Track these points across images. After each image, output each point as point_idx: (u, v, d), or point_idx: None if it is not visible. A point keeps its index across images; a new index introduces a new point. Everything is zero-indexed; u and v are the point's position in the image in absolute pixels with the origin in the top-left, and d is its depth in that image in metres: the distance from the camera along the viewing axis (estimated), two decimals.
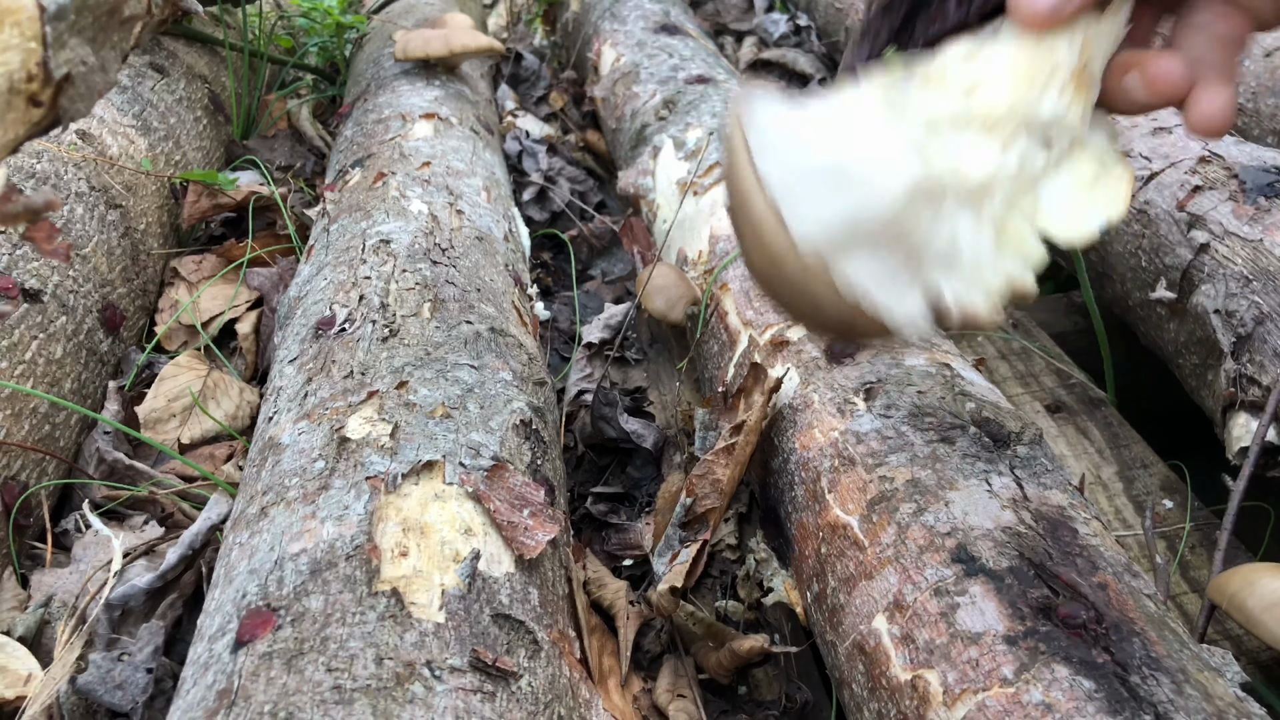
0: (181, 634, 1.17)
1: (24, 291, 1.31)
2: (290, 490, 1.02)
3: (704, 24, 2.88)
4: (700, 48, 2.29)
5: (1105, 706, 0.78)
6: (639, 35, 2.36)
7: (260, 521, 1.00)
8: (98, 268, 1.50)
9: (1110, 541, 0.99)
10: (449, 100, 2.00)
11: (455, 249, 1.46)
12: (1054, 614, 0.86)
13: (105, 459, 1.35)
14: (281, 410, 1.17)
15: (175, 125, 1.95)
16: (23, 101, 0.62)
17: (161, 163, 1.84)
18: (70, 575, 1.17)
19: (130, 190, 1.68)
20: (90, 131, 1.66)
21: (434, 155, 1.73)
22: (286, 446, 1.09)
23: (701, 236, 1.61)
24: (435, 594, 0.89)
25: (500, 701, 0.83)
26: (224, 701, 0.81)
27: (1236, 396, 1.25)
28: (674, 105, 1.96)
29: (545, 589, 0.99)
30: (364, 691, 0.79)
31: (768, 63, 2.75)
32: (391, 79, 2.09)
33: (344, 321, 1.26)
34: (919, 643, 0.89)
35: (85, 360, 1.41)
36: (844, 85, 0.68)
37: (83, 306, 1.43)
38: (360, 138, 1.87)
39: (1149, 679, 0.81)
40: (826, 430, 1.11)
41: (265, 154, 2.17)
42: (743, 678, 1.17)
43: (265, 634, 0.86)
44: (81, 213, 1.50)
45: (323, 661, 0.82)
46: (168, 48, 2.12)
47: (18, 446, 1.21)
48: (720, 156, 1.72)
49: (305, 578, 0.90)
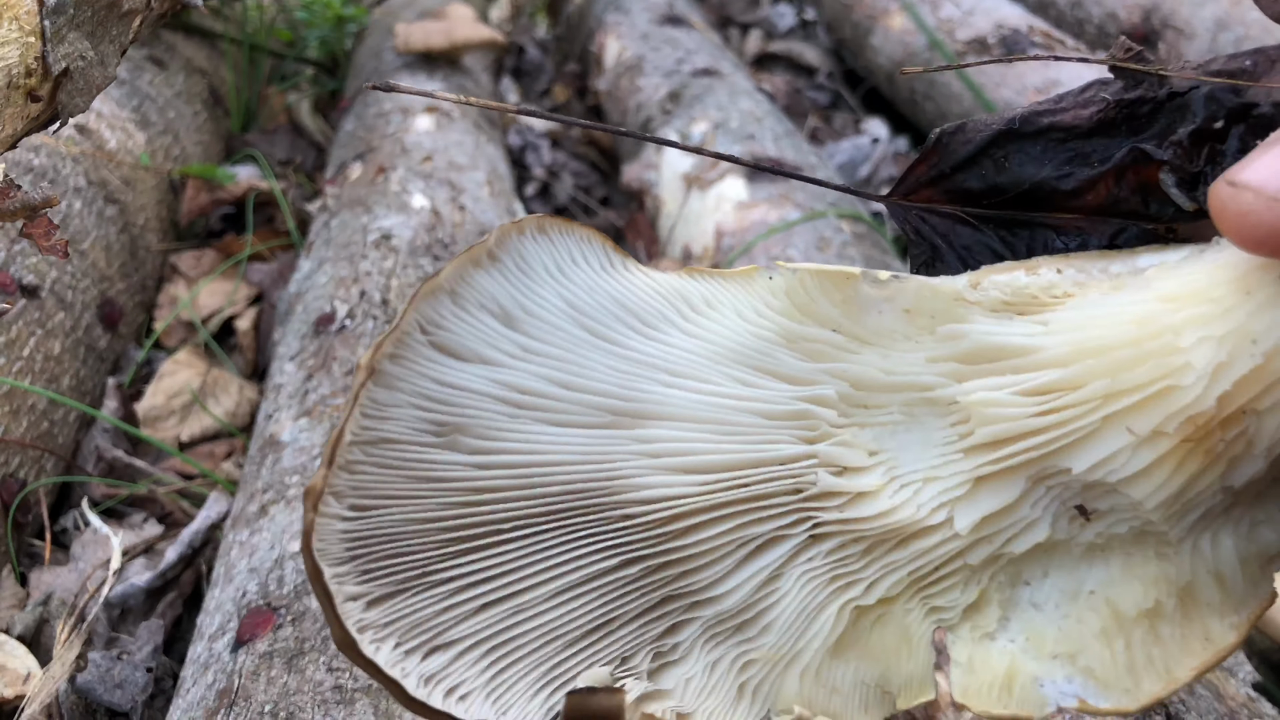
0: (181, 633, 1.17)
1: (22, 287, 1.30)
2: (291, 488, 1.01)
3: (709, 15, 2.86)
4: (705, 40, 2.28)
5: None
6: (643, 27, 2.34)
7: (260, 520, 0.99)
8: (96, 263, 1.49)
9: None
10: (451, 94, 1.99)
11: (458, 244, 1.45)
12: None
13: (104, 456, 1.34)
14: (281, 407, 1.16)
15: (174, 119, 1.94)
16: (21, 96, 0.61)
17: (160, 157, 1.83)
18: (69, 573, 1.16)
19: (129, 185, 1.67)
20: (88, 126, 1.65)
21: (436, 149, 1.72)
22: (287, 444, 1.08)
23: (707, 231, 1.60)
24: None
25: None
26: (224, 701, 0.80)
27: None
28: (679, 98, 1.95)
29: None
30: (365, 691, 0.78)
31: (774, 55, 2.74)
32: (392, 72, 2.07)
33: (345, 317, 1.25)
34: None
35: (84, 357, 1.40)
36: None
37: (81, 302, 1.42)
38: (361, 131, 1.86)
39: None
40: None
41: (265, 148, 2.16)
42: None
43: (266, 633, 0.85)
44: (80, 208, 1.49)
45: (324, 661, 0.81)
46: (167, 41, 2.11)
47: (16, 444, 1.20)
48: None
49: (305, 576, 0.89)
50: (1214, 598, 0.44)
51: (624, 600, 0.46)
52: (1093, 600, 0.45)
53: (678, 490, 0.45)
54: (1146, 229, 0.46)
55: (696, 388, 0.45)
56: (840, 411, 0.46)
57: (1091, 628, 0.45)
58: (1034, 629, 0.46)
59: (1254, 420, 0.39)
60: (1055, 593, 0.46)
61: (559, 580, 0.45)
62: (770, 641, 0.47)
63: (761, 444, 0.45)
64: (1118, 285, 0.43)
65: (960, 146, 0.48)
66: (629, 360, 0.45)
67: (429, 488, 0.44)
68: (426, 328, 0.44)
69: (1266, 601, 0.43)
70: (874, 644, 0.47)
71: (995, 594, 0.46)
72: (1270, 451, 0.40)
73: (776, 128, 1.79)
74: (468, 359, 0.44)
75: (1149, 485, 0.41)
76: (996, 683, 0.45)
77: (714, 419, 0.45)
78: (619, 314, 0.46)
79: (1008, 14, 2.16)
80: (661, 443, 0.45)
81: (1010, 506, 0.44)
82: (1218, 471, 0.40)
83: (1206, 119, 0.43)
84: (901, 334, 0.45)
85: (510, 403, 0.45)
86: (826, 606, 0.47)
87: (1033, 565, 0.46)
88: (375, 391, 0.42)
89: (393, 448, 0.43)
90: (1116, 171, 0.46)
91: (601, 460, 0.45)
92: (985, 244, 0.49)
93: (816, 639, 0.47)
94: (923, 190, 0.50)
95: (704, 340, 0.46)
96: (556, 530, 0.45)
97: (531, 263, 0.45)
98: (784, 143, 1.74)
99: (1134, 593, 0.44)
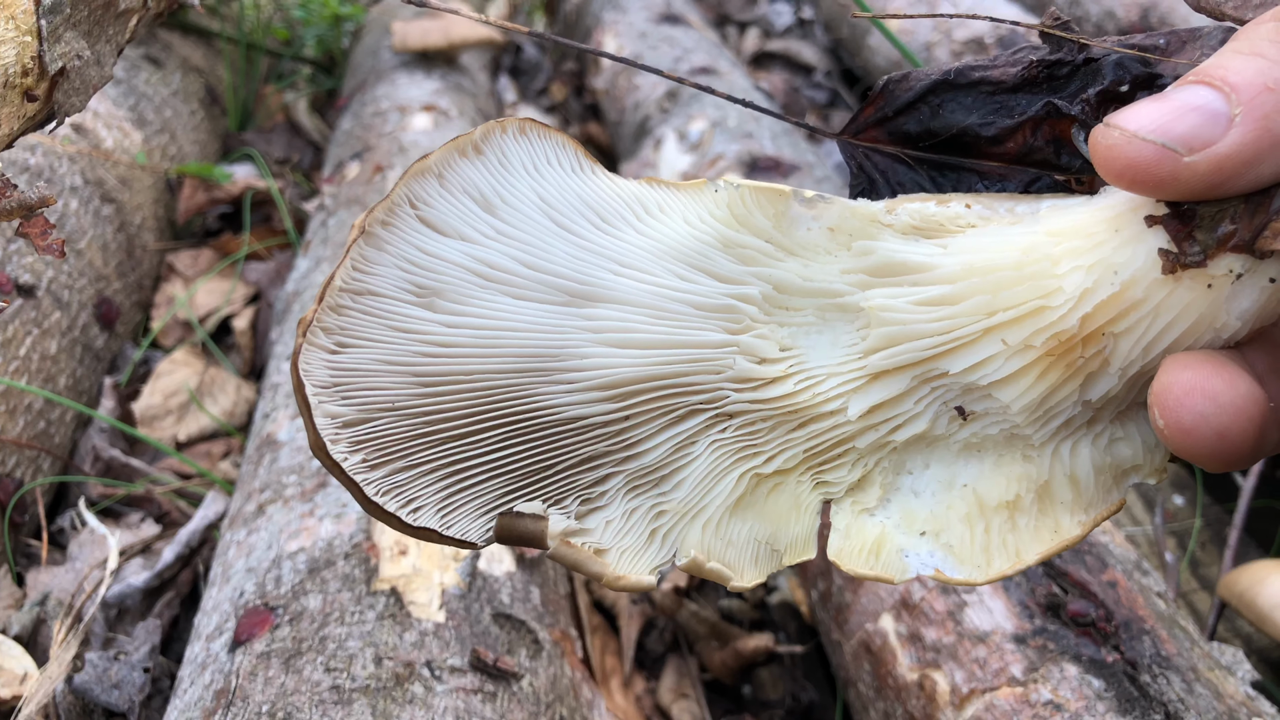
0: (178, 633, 1.16)
1: (18, 287, 1.30)
2: (288, 488, 1.01)
3: (707, 14, 2.86)
4: (703, 38, 2.28)
5: (1115, 705, 0.77)
6: (641, 25, 2.34)
7: (257, 519, 0.99)
8: (92, 263, 1.49)
9: (1120, 539, 0.98)
10: (448, 92, 1.99)
11: None
12: (1063, 612, 0.85)
13: (101, 456, 1.33)
14: (279, 407, 1.16)
15: (171, 118, 1.93)
16: (17, 95, 0.61)
17: (157, 156, 1.82)
18: (66, 573, 1.16)
19: (125, 184, 1.66)
20: (85, 125, 1.64)
21: (433, 147, 1.72)
22: (284, 443, 1.08)
23: None
24: (435, 593, 0.88)
25: (501, 702, 0.82)
26: (221, 701, 0.80)
27: None
28: (676, 97, 1.95)
29: (547, 588, 0.98)
30: (363, 691, 0.78)
31: (772, 54, 2.74)
32: (390, 71, 2.07)
33: None
34: (926, 642, 0.88)
35: (80, 356, 1.40)
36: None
37: (77, 302, 1.42)
38: (358, 130, 1.86)
39: (1159, 677, 0.80)
40: None
41: (262, 147, 2.16)
42: (747, 677, 1.16)
43: (263, 633, 0.85)
44: (76, 207, 1.49)
45: (321, 661, 0.81)
46: (163, 40, 2.10)
47: (12, 443, 1.20)
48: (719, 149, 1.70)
49: (303, 576, 0.89)
50: (1067, 497, 0.51)
51: (562, 450, 0.53)
52: (964, 491, 0.52)
53: (616, 362, 0.51)
54: (1057, 180, 0.52)
55: (641, 278, 0.52)
56: (762, 309, 0.52)
57: (958, 512, 0.52)
58: (909, 510, 0.53)
59: (1111, 341, 0.45)
60: (933, 483, 0.53)
61: (509, 428, 0.52)
62: (680, 496, 0.54)
63: (691, 330, 0.52)
64: (1015, 221, 0.49)
65: (903, 93, 0.54)
66: (586, 250, 0.52)
67: (404, 337, 0.51)
68: (415, 203, 0.50)
69: (1114, 507, 0.51)
70: (768, 508, 0.54)
71: (879, 477, 0.54)
72: (1124, 372, 0.46)
73: (774, 126, 1.79)
74: (448, 234, 0.51)
75: (1016, 390, 0.48)
76: (866, 548, 0.53)
77: (653, 305, 0.52)
78: (583, 210, 0.52)
79: (1005, 14, 2.17)
80: (606, 320, 0.51)
81: (896, 399, 0.51)
82: (1076, 384, 0.47)
83: (1113, 82, 0.49)
84: (823, 248, 0.51)
85: (481, 275, 0.51)
86: (731, 471, 0.54)
87: (915, 457, 0.53)
88: (365, 250, 0.50)
89: (376, 300, 0.51)
90: (1033, 123, 0.51)
91: (554, 331, 0.51)
92: (917, 182, 0.55)
93: (719, 497, 0.54)
94: (869, 130, 0.56)
95: (653, 239, 0.52)
96: (510, 386, 0.52)
97: (511, 158, 0.51)
98: (782, 141, 1.73)
99: (999, 486, 0.51)
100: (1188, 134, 0.41)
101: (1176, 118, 0.41)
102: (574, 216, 0.52)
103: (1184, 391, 0.42)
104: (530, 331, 0.51)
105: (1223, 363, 0.43)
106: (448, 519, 0.53)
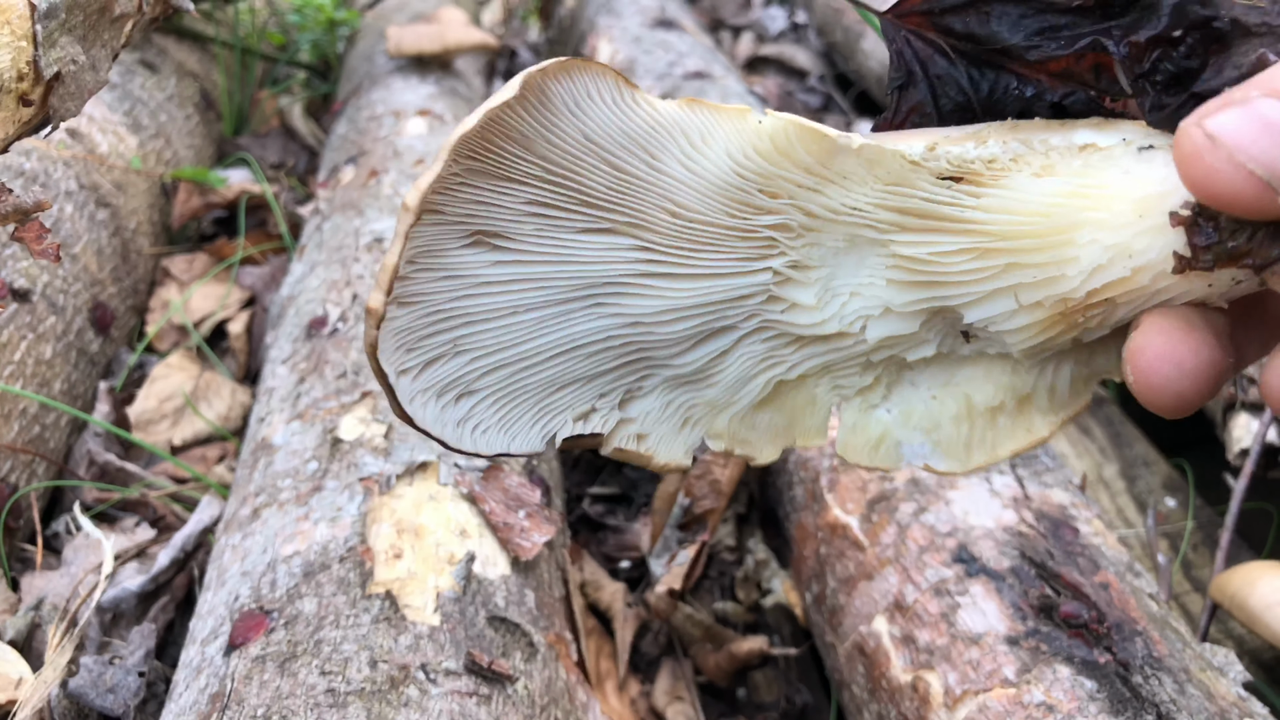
0: (173, 637, 1.16)
1: (13, 291, 1.30)
2: (283, 492, 1.01)
3: (701, 18, 2.87)
4: (697, 43, 2.28)
5: (1107, 707, 0.78)
6: (636, 30, 2.35)
7: (253, 523, 0.99)
8: (88, 267, 1.49)
9: (1112, 540, 0.98)
10: (443, 97, 1.99)
11: None
12: (1055, 614, 0.86)
13: (96, 460, 1.33)
14: (274, 411, 1.16)
15: (166, 123, 1.94)
16: (13, 100, 0.61)
17: (152, 161, 1.82)
18: (61, 578, 1.16)
19: (120, 189, 1.66)
20: (80, 129, 1.64)
21: (428, 152, 1.72)
22: (279, 447, 1.08)
23: None
24: (430, 596, 0.88)
25: (496, 705, 0.82)
26: (217, 705, 0.80)
27: (1236, 397, 1.24)
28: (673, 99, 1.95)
29: (541, 591, 0.98)
30: (358, 695, 0.78)
31: (766, 58, 2.74)
32: (385, 75, 2.07)
33: (337, 321, 1.25)
34: (919, 644, 0.89)
35: (75, 360, 1.40)
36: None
37: (72, 306, 1.42)
38: (353, 135, 1.86)
39: (1151, 679, 0.80)
40: None
41: (257, 151, 2.16)
42: (741, 680, 1.17)
43: (258, 637, 0.85)
44: (71, 211, 1.49)
45: (316, 664, 0.81)
46: (158, 44, 2.11)
47: (7, 448, 1.20)
48: None
49: (298, 580, 0.89)
50: (1044, 403, 0.57)
51: (607, 361, 0.59)
52: (956, 391, 0.58)
53: (664, 291, 0.56)
54: (1093, 95, 0.53)
55: (691, 216, 0.55)
56: (796, 234, 0.56)
57: (949, 411, 0.59)
58: (907, 405, 0.60)
59: (1110, 308, 0.49)
60: (931, 380, 0.59)
61: (559, 347, 0.58)
62: (712, 395, 0.61)
63: (736, 261, 0.56)
64: (1048, 167, 0.50)
65: None
66: (635, 188, 0.55)
67: (458, 283, 0.56)
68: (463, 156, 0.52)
69: (1082, 406, 0.57)
70: (788, 403, 0.62)
71: (885, 378, 0.60)
72: (1115, 325, 0.51)
73: None
74: (500, 179, 0.54)
75: (1020, 337, 0.52)
76: (870, 442, 0.60)
77: (701, 241, 0.56)
78: (629, 146, 0.54)
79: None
80: (657, 252, 0.56)
81: (911, 334, 0.56)
82: (1073, 334, 0.51)
83: (1168, 26, 0.48)
84: (860, 179, 0.53)
85: (536, 215, 0.55)
86: (758, 377, 0.60)
87: (920, 363, 0.59)
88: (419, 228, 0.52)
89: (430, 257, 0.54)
90: (1076, 56, 0.52)
91: (606, 264, 0.56)
92: (954, 78, 0.56)
93: (747, 397, 0.61)
94: (914, 17, 0.56)
95: (699, 176, 0.55)
96: (562, 313, 0.57)
97: (554, 100, 0.53)
98: None
99: (987, 392, 0.58)
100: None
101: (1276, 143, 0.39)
102: (621, 154, 0.54)
103: (1155, 356, 0.46)
104: (583, 264, 0.56)
105: (1192, 328, 0.46)
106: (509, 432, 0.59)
